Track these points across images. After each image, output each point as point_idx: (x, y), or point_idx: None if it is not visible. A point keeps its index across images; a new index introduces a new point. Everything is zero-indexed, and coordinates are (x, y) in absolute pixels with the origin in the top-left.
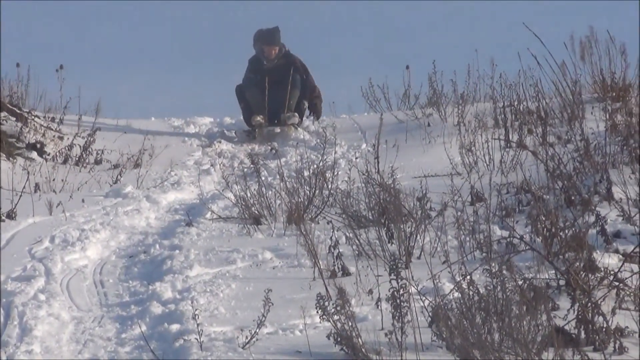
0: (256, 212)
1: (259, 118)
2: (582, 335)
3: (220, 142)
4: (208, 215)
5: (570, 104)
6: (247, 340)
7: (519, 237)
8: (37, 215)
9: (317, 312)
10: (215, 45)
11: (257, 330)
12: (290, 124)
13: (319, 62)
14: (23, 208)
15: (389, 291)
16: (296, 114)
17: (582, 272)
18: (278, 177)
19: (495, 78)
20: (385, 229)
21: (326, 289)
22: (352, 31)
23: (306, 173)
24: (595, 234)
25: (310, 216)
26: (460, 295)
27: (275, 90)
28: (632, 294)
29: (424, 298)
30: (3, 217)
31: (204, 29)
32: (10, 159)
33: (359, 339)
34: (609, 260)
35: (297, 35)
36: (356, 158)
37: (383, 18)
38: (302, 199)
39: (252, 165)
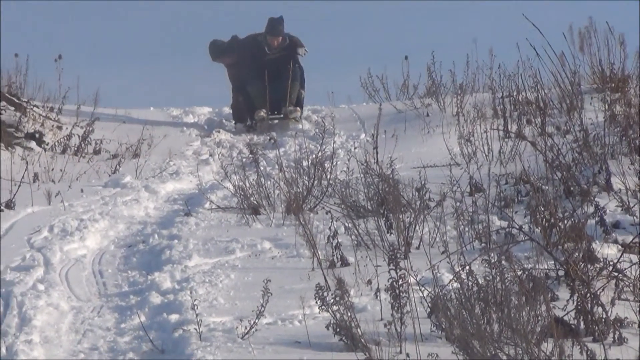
0: (255, 202)
1: (262, 113)
2: (582, 325)
3: (219, 131)
4: (207, 205)
5: (569, 94)
6: (246, 331)
7: (518, 227)
8: (35, 205)
9: (316, 302)
10: (215, 35)
11: (256, 321)
12: (292, 118)
13: (318, 53)
14: (22, 198)
15: (388, 281)
16: (298, 108)
17: (581, 263)
18: (277, 167)
19: (494, 68)
20: (384, 219)
21: (325, 279)
22: (352, 22)
23: (305, 163)
24: (594, 225)
25: (309, 206)
26: (459, 285)
27: (274, 82)
28: (631, 284)
29: (423, 288)
30: (2, 207)
31: (204, 18)
32: (9, 148)
33: (358, 330)
34: (608, 251)
35: (298, 26)
36: (355, 148)
37: (382, 9)
38: (301, 189)
39: (250, 155)
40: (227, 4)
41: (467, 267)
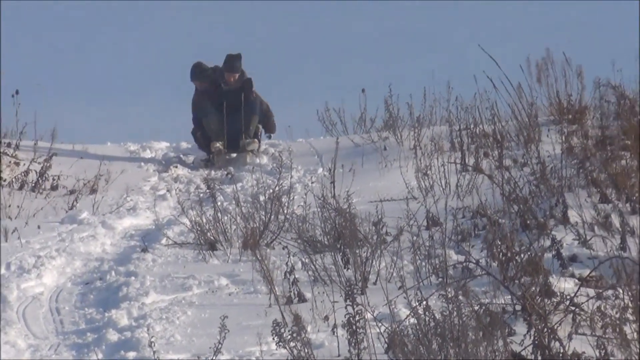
0: (212, 237)
1: (218, 145)
2: None
3: (176, 167)
4: (164, 241)
5: (527, 126)
6: None
7: (474, 261)
8: None
9: (273, 339)
10: (172, 70)
11: (214, 358)
12: (249, 150)
13: (276, 86)
14: None
15: (345, 317)
16: (255, 140)
17: (538, 297)
18: (234, 202)
19: (452, 101)
20: (341, 254)
21: (282, 315)
22: (309, 55)
23: (262, 198)
24: (551, 258)
25: (266, 241)
26: (416, 320)
27: (232, 116)
28: (588, 318)
29: (380, 324)
30: None
31: (160, 55)
32: None
33: None
34: (565, 285)
35: (254, 59)
36: (312, 182)
37: (339, 41)
38: (257, 224)
39: (208, 191)
40: (184, 40)
41: (424, 303)
